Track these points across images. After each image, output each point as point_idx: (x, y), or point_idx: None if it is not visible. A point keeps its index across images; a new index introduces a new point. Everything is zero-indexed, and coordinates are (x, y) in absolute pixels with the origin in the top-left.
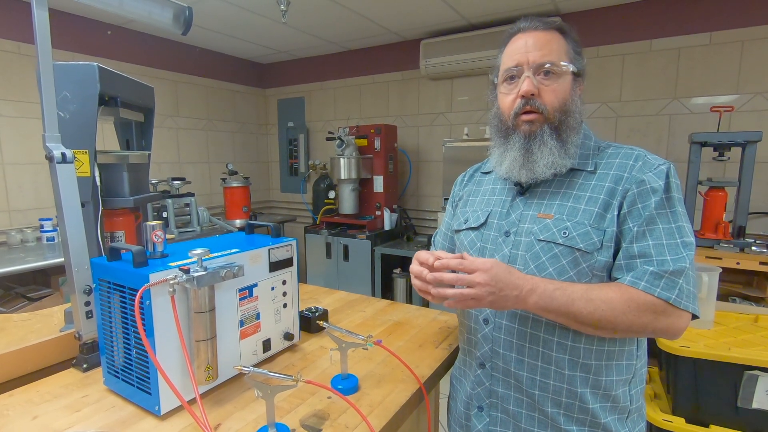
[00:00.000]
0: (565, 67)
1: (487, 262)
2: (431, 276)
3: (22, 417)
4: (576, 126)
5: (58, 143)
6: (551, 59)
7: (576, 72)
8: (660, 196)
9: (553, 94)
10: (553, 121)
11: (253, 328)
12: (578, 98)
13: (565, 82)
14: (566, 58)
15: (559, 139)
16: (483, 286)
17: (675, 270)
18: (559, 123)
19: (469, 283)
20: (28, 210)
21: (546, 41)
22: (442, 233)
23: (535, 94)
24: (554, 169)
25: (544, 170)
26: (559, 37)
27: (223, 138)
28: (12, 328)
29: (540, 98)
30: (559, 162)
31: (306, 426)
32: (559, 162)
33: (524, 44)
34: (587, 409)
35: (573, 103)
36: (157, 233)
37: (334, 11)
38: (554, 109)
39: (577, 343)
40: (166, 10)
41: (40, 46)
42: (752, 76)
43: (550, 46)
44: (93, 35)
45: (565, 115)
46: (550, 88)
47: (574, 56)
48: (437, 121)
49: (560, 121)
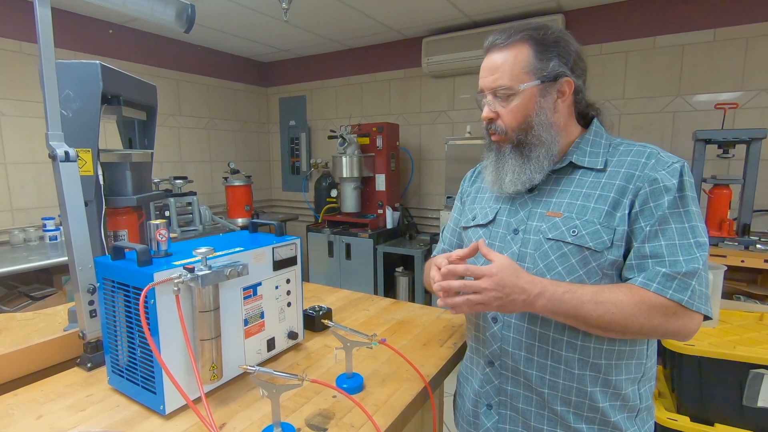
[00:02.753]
0: (519, 87)
1: (493, 267)
2: (438, 285)
3: (27, 416)
4: (545, 137)
5: (61, 142)
6: (502, 83)
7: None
8: (673, 195)
9: (510, 115)
10: (513, 142)
11: (257, 327)
12: (549, 108)
13: (524, 100)
14: (524, 74)
15: (521, 156)
16: (489, 291)
17: (688, 271)
18: (519, 142)
19: (476, 289)
20: (30, 209)
21: (501, 62)
22: (450, 228)
23: (494, 118)
24: (518, 186)
25: (509, 185)
26: (523, 48)
27: (225, 137)
28: (16, 328)
29: (500, 120)
30: (522, 178)
31: (311, 425)
32: (522, 178)
33: (485, 66)
34: (597, 408)
35: (538, 116)
36: (162, 232)
37: (336, 9)
38: (512, 129)
39: (587, 343)
40: (168, 8)
41: (42, 45)
42: (757, 72)
43: (504, 68)
44: (95, 34)
45: (525, 133)
46: (506, 110)
47: (540, 66)
48: (439, 119)
49: (520, 140)
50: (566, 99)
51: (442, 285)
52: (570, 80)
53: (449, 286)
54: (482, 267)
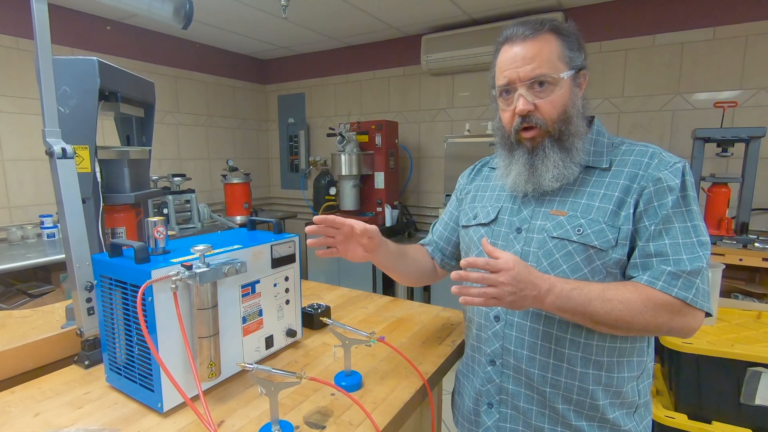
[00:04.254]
0: (560, 76)
1: (510, 262)
2: (455, 273)
3: (24, 414)
4: (580, 129)
5: (59, 138)
6: (543, 71)
7: (577, 68)
8: (676, 194)
9: (550, 105)
10: (553, 134)
11: (255, 325)
12: (580, 99)
13: (562, 89)
14: (561, 63)
15: (562, 149)
16: (505, 285)
17: (692, 270)
18: (560, 133)
19: (493, 283)
20: (28, 206)
21: (536, 51)
22: (443, 222)
23: (532, 110)
24: (561, 180)
25: (551, 183)
26: (552, 39)
27: (224, 134)
28: (13, 325)
29: (538, 112)
30: (566, 173)
31: (310, 423)
32: (566, 173)
33: (513, 57)
34: (597, 406)
35: (574, 106)
36: (159, 229)
37: (335, 6)
38: (553, 121)
39: (590, 341)
40: (166, 4)
41: (39, 41)
42: (756, 71)
43: (541, 56)
44: (92, 30)
45: (566, 124)
46: (546, 100)
47: (571, 56)
48: (438, 117)
49: (561, 131)
50: (582, 92)
51: (461, 275)
52: (586, 73)
53: (467, 277)
54: (500, 261)
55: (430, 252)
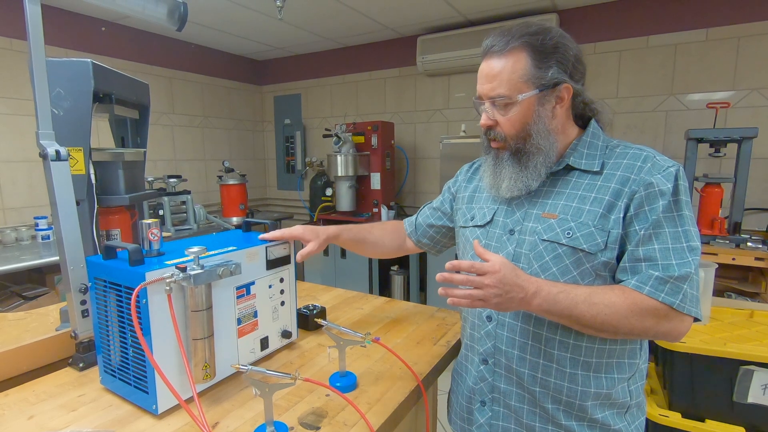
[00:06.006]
0: (517, 98)
1: (496, 264)
2: (440, 275)
3: (18, 416)
4: (541, 146)
5: (52, 140)
6: (500, 92)
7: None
8: (668, 199)
9: (509, 123)
10: (511, 149)
11: (250, 326)
12: (547, 116)
13: (522, 109)
14: (522, 82)
15: (518, 163)
16: (491, 288)
17: (680, 275)
18: (517, 150)
19: (478, 285)
20: (22, 208)
21: (499, 69)
22: (432, 207)
23: (492, 125)
24: (515, 192)
25: (506, 191)
26: (521, 56)
27: (219, 135)
28: (7, 327)
29: (499, 127)
30: (519, 185)
31: (304, 424)
32: (519, 185)
33: (482, 73)
34: (586, 407)
35: (536, 124)
36: (153, 231)
37: (331, 7)
38: (512, 137)
39: (579, 342)
40: (160, 6)
41: (32, 42)
42: (748, 72)
43: (501, 77)
44: (86, 31)
45: (523, 141)
46: (506, 118)
47: (539, 74)
48: (434, 118)
49: (518, 148)
50: (565, 104)
51: (445, 276)
52: (569, 86)
53: (451, 278)
54: (485, 264)
55: (408, 232)
